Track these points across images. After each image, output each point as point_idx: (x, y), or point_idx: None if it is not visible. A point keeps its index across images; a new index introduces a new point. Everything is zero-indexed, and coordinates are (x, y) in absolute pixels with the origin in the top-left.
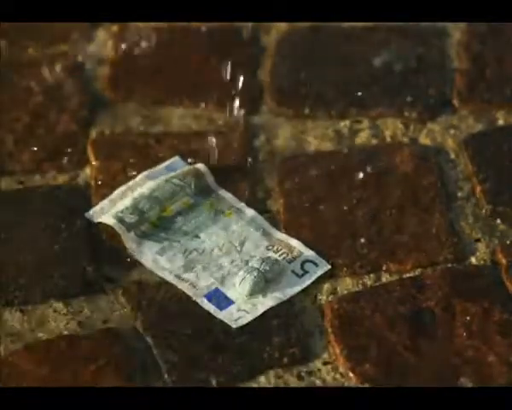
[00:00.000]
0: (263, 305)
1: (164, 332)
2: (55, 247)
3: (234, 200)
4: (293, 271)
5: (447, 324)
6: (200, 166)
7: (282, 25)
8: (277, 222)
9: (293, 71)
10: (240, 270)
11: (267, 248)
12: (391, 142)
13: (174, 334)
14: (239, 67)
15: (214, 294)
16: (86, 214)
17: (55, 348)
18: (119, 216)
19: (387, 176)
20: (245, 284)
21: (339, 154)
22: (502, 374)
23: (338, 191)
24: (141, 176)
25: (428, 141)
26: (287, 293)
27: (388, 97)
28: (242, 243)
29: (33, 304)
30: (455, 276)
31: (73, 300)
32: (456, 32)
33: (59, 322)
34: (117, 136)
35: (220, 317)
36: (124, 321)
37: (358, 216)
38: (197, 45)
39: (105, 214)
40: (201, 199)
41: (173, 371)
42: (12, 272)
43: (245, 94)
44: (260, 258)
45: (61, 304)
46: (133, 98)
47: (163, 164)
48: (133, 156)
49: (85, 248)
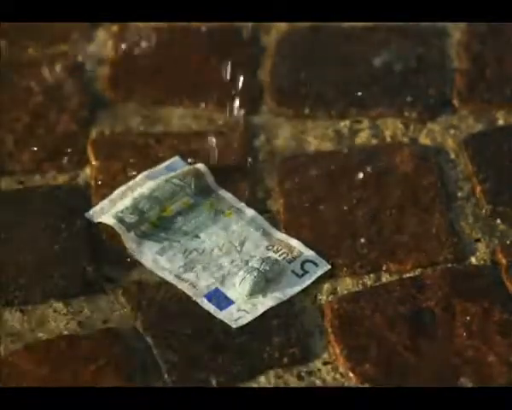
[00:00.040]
0: (263, 305)
1: (164, 332)
2: (55, 247)
3: (234, 200)
4: (293, 271)
5: (447, 324)
6: (200, 166)
7: (282, 25)
8: (277, 222)
9: (293, 71)
10: (240, 270)
11: (267, 248)
12: (391, 142)
13: (174, 334)
14: (239, 67)
15: (214, 294)
16: (86, 214)
17: (55, 348)
18: (119, 216)
19: (387, 176)
20: (245, 284)
21: (339, 154)
22: (502, 374)
23: (338, 191)
24: (141, 176)
25: (428, 141)
26: (287, 293)
27: (388, 97)
28: (242, 243)
29: (33, 304)
30: (455, 276)
31: (73, 300)
32: (456, 32)
33: (59, 322)
34: (117, 136)
35: (220, 317)
36: (124, 321)
37: (358, 216)
38: (197, 45)
39: (105, 214)
40: (201, 199)
41: (173, 371)
42: (12, 272)
43: (245, 94)
44: (260, 258)
45: (61, 304)
46: (133, 98)
47: (163, 164)
48: (133, 156)
49: (85, 248)
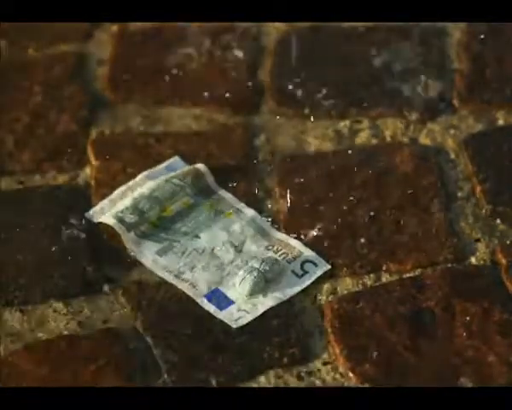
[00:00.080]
0: (263, 305)
1: (164, 332)
2: (55, 247)
3: (234, 200)
4: (293, 271)
5: (447, 324)
6: (200, 166)
7: (282, 25)
8: (277, 222)
9: (293, 71)
10: (240, 270)
11: (267, 248)
12: (391, 142)
13: (174, 334)
14: (239, 67)
15: (214, 294)
16: (86, 214)
17: (55, 348)
18: (119, 216)
19: (387, 176)
20: (245, 284)
21: (339, 154)
22: (502, 374)
23: (338, 191)
24: (141, 176)
25: (428, 141)
26: (287, 293)
27: (388, 97)
28: (242, 243)
29: (33, 304)
30: (455, 276)
31: (73, 300)
32: (456, 32)
33: (59, 322)
34: (117, 136)
35: (220, 317)
36: (124, 321)
37: (358, 216)
38: (197, 45)
39: (105, 214)
40: (201, 199)
41: (173, 371)
42: (12, 272)
43: (245, 94)
44: (260, 258)
45: (61, 304)
46: (133, 98)
47: (163, 164)
48: (133, 156)
49: (85, 248)
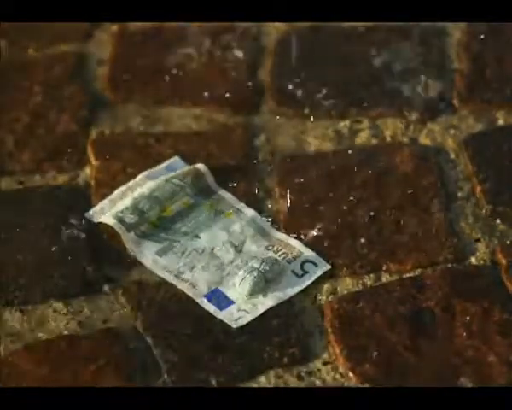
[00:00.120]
0: (263, 305)
1: (164, 332)
2: (55, 247)
3: (234, 200)
4: (293, 271)
5: (447, 324)
6: (200, 166)
7: (282, 25)
8: (277, 222)
9: (293, 71)
10: (240, 270)
11: (267, 248)
12: (391, 142)
13: (174, 334)
14: (239, 67)
15: (214, 294)
16: (86, 214)
17: (55, 348)
18: (119, 216)
19: (387, 176)
20: (245, 284)
21: (339, 154)
22: (502, 374)
23: (338, 191)
24: (141, 176)
25: (428, 141)
26: (287, 293)
27: (388, 97)
28: (242, 243)
29: (33, 304)
30: (455, 276)
31: (73, 300)
32: (456, 32)
33: (59, 322)
34: (117, 136)
35: (220, 317)
36: (124, 321)
37: (358, 216)
38: (197, 45)
39: (105, 214)
40: (201, 199)
41: (173, 371)
42: (12, 272)
43: (245, 94)
44: (260, 258)
45: (61, 304)
46: (133, 98)
47: (163, 164)
48: (133, 156)
49: (85, 248)
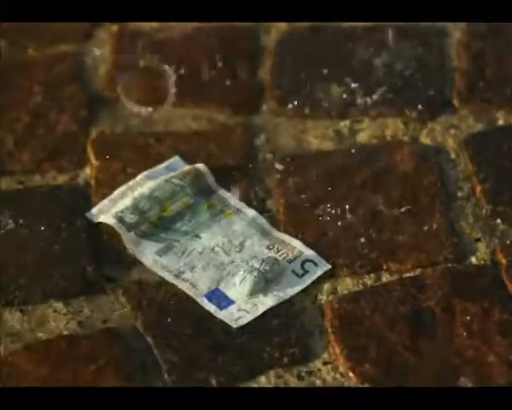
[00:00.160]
0: (263, 305)
1: (164, 332)
2: (55, 247)
3: (234, 200)
4: (293, 270)
5: (447, 324)
6: (200, 166)
7: (282, 25)
8: (277, 222)
9: (293, 71)
10: (240, 270)
11: (267, 247)
12: (391, 141)
13: (174, 334)
14: (239, 67)
15: (214, 294)
16: (86, 214)
17: (55, 348)
18: (119, 216)
19: (387, 175)
20: (245, 284)
21: (339, 153)
22: (502, 374)
23: (338, 191)
24: (141, 176)
25: (429, 141)
26: (287, 293)
27: (388, 97)
28: (242, 243)
29: (33, 304)
30: (455, 276)
31: (73, 300)
32: (456, 32)
33: (59, 322)
34: (117, 136)
35: (220, 317)
36: (124, 321)
37: (358, 216)
38: (197, 45)
39: (105, 214)
40: (201, 199)
41: (173, 371)
42: (12, 272)
43: (245, 94)
44: (260, 258)
45: (61, 304)
46: (133, 98)
47: (163, 164)
48: (133, 156)
49: (85, 248)
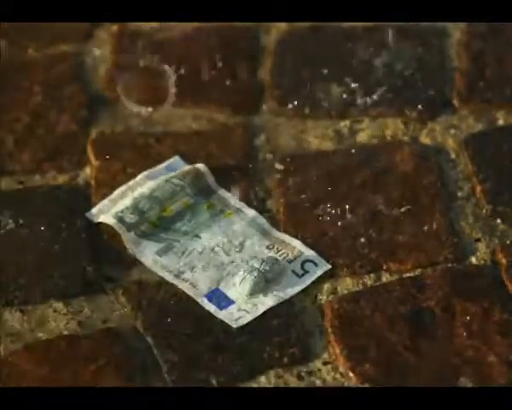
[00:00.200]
0: (263, 305)
1: (164, 332)
2: (55, 247)
3: (234, 200)
4: (293, 271)
5: (447, 324)
6: (200, 166)
7: (282, 25)
8: (277, 222)
9: (293, 71)
10: (240, 270)
11: (267, 247)
12: (391, 140)
13: (174, 334)
14: (239, 67)
15: (214, 294)
16: (86, 214)
17: (55, 348)
18: (119, 216)
19: (387, 175)
20: (245, 284)
21: (339, 153)
22: (502, 374)
23: (338, 191)
24: (141, 176)
25: (429, 140)
26: (287, 293)
27: (388, 97)
28: (242, 243)
29: (33, 304)
30: (455, 276)
31: (73, 300)
32: (456, 32)
33: (59, 322)
34: (117, 136)
35: (220, 317)
36: (124, 321)
37: (358, 216)
38: (197, 45)
39: (105, 214)
40: (201, 199)
41: (173, 371)
42: (12, 272)
43: (245, 94)
44: (260, 258)
45: (61, 304)
46: (133, 98)
47: (163, 164)
48: (133, 156)
49: (85, 248)
